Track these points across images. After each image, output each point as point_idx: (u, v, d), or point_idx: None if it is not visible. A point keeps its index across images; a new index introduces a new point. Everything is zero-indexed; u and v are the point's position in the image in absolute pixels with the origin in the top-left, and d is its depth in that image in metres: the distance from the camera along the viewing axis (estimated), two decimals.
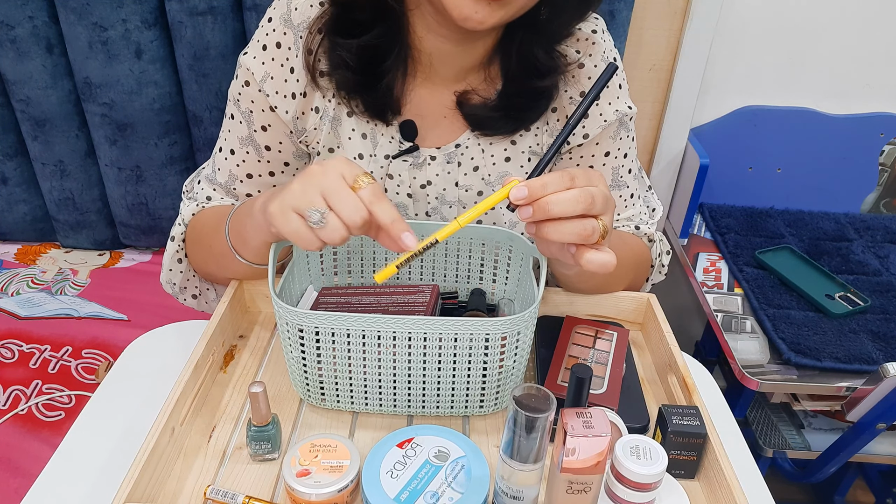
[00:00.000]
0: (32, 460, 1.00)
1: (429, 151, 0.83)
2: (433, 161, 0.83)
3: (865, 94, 1.52)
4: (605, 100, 0.83)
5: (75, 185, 1.46)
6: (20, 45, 1.29)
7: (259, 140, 0.83)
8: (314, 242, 0.61)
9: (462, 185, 0.84)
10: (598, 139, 0.84)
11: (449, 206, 0.85)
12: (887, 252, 1.45)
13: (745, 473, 0.71)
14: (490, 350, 0.68)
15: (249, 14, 1.27)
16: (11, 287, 1.37)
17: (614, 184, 0.88)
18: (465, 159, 0.84)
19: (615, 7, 1.32)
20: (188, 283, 0.92)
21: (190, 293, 0.93)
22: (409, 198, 0.85)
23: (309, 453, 0.64)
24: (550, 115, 0.84)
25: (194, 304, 0.94)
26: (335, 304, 0.80)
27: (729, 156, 1.56)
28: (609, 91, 0.83)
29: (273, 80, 0.79)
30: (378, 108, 0.79)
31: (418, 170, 0.83)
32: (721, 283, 1.35)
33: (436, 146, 0.83)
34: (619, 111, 0.83)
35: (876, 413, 1.09)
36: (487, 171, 0.84)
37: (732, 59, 1.48)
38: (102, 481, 0.69)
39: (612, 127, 0.84)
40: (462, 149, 0.83)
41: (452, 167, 0.83)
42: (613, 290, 0.87)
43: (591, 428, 0.54)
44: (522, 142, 0.84)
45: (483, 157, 0.83)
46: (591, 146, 0.85)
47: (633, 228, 0.91)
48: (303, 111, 0.81)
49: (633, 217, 0.91)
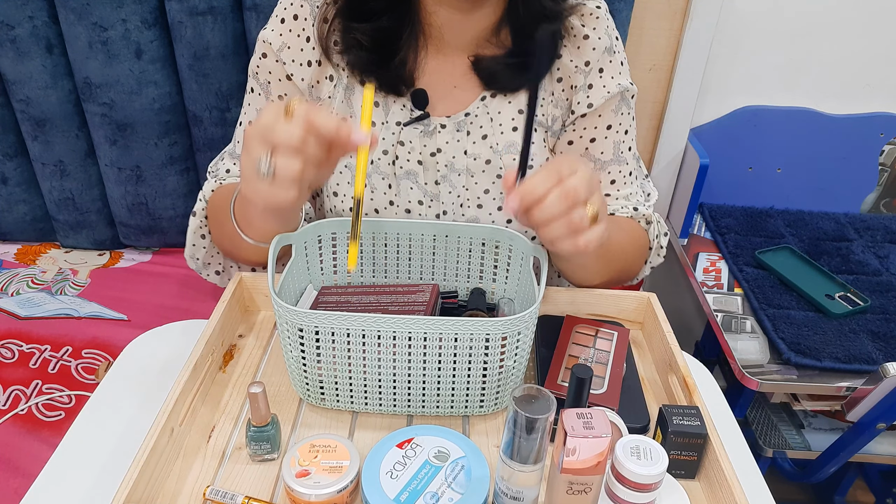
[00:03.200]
0: (32, 460, 1.00)
1: (439, 120, 0.85)
2: (443, 129, 0.85)
3: (865, 94, 1.52)
4: (608, 73, 0.85)
5: (75, 185, 1.46)
6: (20, 45, 1.29)
7: None
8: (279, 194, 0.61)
9: (471, 153, 0.85)
10: (600, 111, 0.86)
11: (458, 174, 0.86)
12: (887, 252, 1.45)
13: (746, 473, 0.71)
14: (490, 350, 0.68)
15: (249, 14, 1.27)
16: (11, 287, 1.37)
17: (615, 158, 0.89)
18: (474, 128, 0.85)
19: (615, 7, 1.32)
20: (212, 260, 0.94)
21: (213, 269, 0.95)
22: (419, 164, 0.86)
23: (308, 454, 0.64)
24: (556, 86, 0.86)
25: (217, 280, 0.96)
26: (335, 303, 0.80)
27: (729, 156, 1.56)
28: (611, 66, 0.85)
29: (290, 50, 0.83)
30: (392, 83, 0.82)
31: (429, 137, 0.85)
32: (721, 283, 1.35)
33: (446, 115, 0.85)
34: (622, 85, 0.86)
35: (876, 413, 1.08)
36: (496, 139, 0.85)
37: (732, 59, 1.48)
38: (102, 481, 0.69)
39: (615, 100, 0.87)
40: (472, 117, 0.85)
41: (462, 135, 0.85)
42: (614, 276, 0.89)
43: (591, 428, 0.54)
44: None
45: (492, 125, 0.85)
46: (594, 118, 0.87)
47: (630, 210, 0.91)
48: (318, 80, 0.84)
49: (630, 196, 0.92)
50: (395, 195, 0.86)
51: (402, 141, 0.85)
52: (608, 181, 0.90)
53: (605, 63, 0.85)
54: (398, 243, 0.84)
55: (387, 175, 0.86)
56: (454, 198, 0.86)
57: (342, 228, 0.83)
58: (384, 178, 0.86)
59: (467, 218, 0.87)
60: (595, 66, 0.84)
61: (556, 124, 0.87)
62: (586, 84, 0.85)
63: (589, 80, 0.85)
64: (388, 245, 0.84)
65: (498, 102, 0.85)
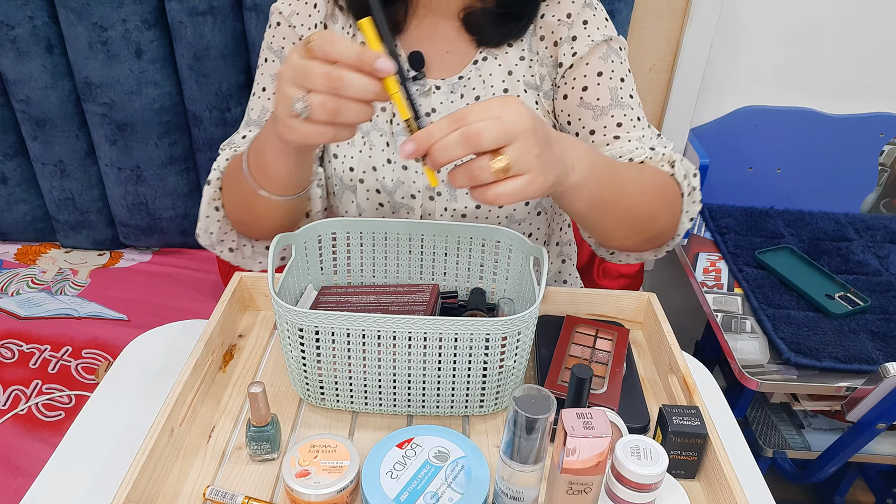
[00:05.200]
0: (32, 460, 1.00)
1: (434, 81, 0.88)
2: (437, 91, 0.88)
3: (865, 94, 1.52)
4: (593, 25, 0.87)
5: (75, 185, 1.46)
6: (20, 45, 1.29)
7: None
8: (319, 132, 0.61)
9: None
10: (587, 59, 0.87)
11: None
12: (887, 252, 1.45)
13: (746, 473, 0.71)
14: (490, 350, 0.68)
15: (249, 14, 1.27)
16: (11, 287, 1.37)
17: (615, 103, 0.86)
18: (467, 91, 0.88)
19: (615, 7, 1.32)
20: (225, 236, 0.92)
21: (227, 246, 0.93)
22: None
23: (308, 454, 0.64)
24: (540, 44, 0.89)
25: (230, 257, 0.95)
26: (335, 303, 0.80)
27: (729, 156, 1.56)
28: (595, 18, 0.88)
29: (299, 15, 0.89)
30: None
31: (424, 97, 0.88)
32: (721, 283, 1.35)
33: (441, 77, 0.89)
34: (606, 34, 0.87)
35: (876, 413, 1.08)
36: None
37: (732, 59, 1.48)
38: (102, 481, 0.69)
39: (601, 48, 0.87)
40: (465, 80, 0.88)
41: (455, 97, 0.88)
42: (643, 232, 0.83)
43: (591, 428, 0.54)
44: (517, 71, 0.88)
45: (484, 87, 0.88)
46: (581, 66, 0.87)
47: (647, 150, 0.85)
48: None
49: (643, 139, 0.87)
50: (393, 153, 0.89)
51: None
52: (614, 124, 0.86)
53: (587, 16, 0.87)
54: (398, 243, 0.84)
55: (385, 132, 0.89)
56: None
57: (342, 228, 0.83)
58: (382, 136, 0.89)
59: None
60: (577, 18, 0.86)
61: (545, 84, 0.89)
62: (570, 36, 0.87)
63: (573, 32, 0.86)
64: (388, 245, 0.84)
65: (489, 65, 0.88)
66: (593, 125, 0.87)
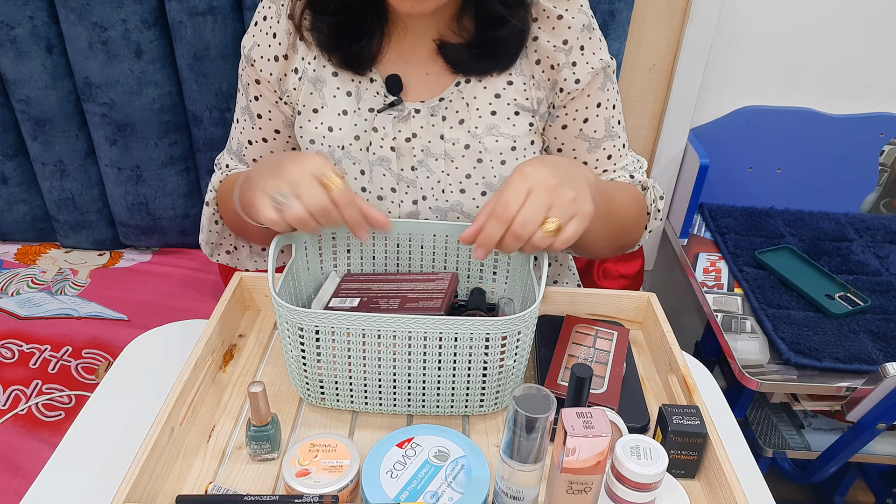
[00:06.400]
0: (32, 460, 1.00)
1: (413, 105, 0.86)
2: (417, 114, 0.85)
3: (865, 94, 1.52)
4: (590, 50, 0.86)
5: (75, 185, 1.46)
6: (20, 45, 1.29)
7: (253, 109, 0.92)
8: (279, 223, 0.70)
9: (448, 138, 0.85)
10: (588, 90, 0.87)
11: (435, 159, 0.86)
12: (887, 252, 1.45)
13: (746, 473, 0.71)
14: (490, 350, 0.68)
15: (249, 14, 1.27)
16: (11, 287, 1.37)
17: (608, 134, 0.91)
18: (449, 113, 0.86)
19: (615, 7, 1.32)
20: (223, 241, 0.99)
21: (224, 249, 1.00)
22: (392, 151, 0.86)
23: (309, 453, 0.64)
24: (535, 68, 0.86)
25: (227, 259, 1.01)
26: (357, 290, 0.81)
27: (729, 156, 1.56)
28: (591, 42, 0.86)
29: (259, 48, 0.87)
30: (352, 61, 0.85)
31: (403, 123, 0.86)
32: (721, 283, 1.35)
33: (420, 100, 0.86)
34: (604, 60, 0.87)
35: (876, 413, 1.08)
36: (474, 123, 0.85)
37: (732, 59, 1.48)
38: (102, 481, 0.69)
39: (600, 77, 0.87)
40: (446, 102, 0.85)
41: (437, 120, 0.86)
42: (618, 239, 0.91)
43: (591, 428, 0.54)
44: (506, 95, 0.86)
45: (468, 110, 0.85)
46: (582, 98, 0.87)
47: (627, 177, 0.93)
48: (284, 73, 0.87)
49: (627, 167, 0.94)
50: (368, 182, 0.87)
51: (375, 127, 0.85)
52: (605, 157, 0.91)
53: (584, 41, 0.85)
54: (398, 243, 0.84)
55: (358, 161, 0.86)
56: (433, 182, 0.86)
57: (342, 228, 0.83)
58: (355, 164, 0.86)
59: (450, 203, 0.87)
60: (575, 44, 0.85)
61: (541, 107, 0.87)
62: (569, 61, 0.85)
63: (571, 58, 0.85)
64: (388, 245, 0.85)
65: (472, 87, 0.85)
66: (586, 157, 0.91)
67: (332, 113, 0.86)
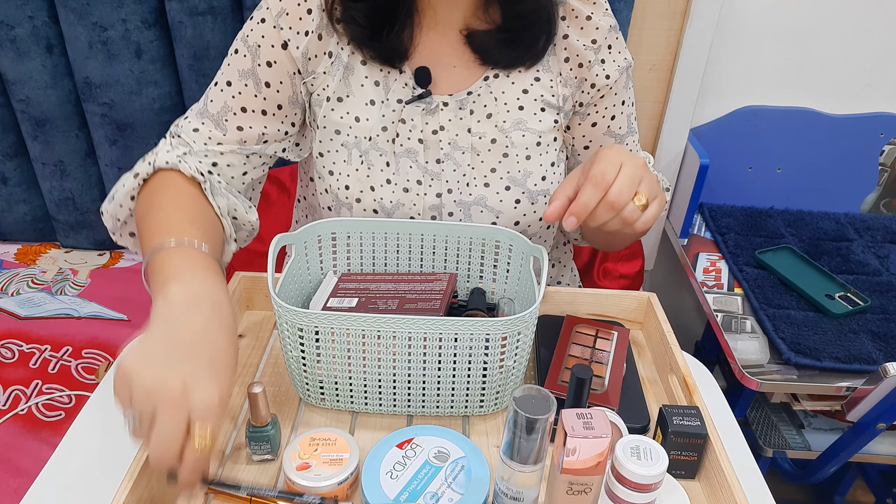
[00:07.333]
0: (32, 460, 1.00)
1: (441, 98, 0.86)
2: (445, 107, 0.86)
3: (865, 94, 1.52)
4: (616, 49, 0.88)
5: (75, 185, 1.46)
6: (20, 45, 1.29)
7: (261, 75, 0.84)
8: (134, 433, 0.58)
9: (475, 132, 0.86)
10: (615, 88, 0.90)
11: (461, 153, 0.86)
12: (887, 252, 1.45)
13: (746, 473, 0.71)
14: (490, 350, 0.68)
15: (249, 14, 1.26)
16: (11, 287, 1.37)
17: (629, 130, 0.94)
18: (477, 107, 0.86)
19: (615, 7, 1.32)
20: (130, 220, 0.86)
21: (129, 230, 0.87)
22: (420, 143, 0.86)
23: (309, 447, 0.64)
24: (564, 65, 0.87)
25: (130, 242, 0.88)
26: (354, 290, 0.81)
27: (729, 156, 1.56)
28: (618, 42, 0.88)
29: (288, 16, 0.82)
30: (387, 55, 0.84)
31: (431, 115, 0.86)
32: (721, 283, 1.35)
33: (448, 93, 0.86)
34: (627, 59, 0.90)
35: (876, 413, 1.08)
36: (501, 118, 0.86)
37: (732, 59, 1.48)
38: (102, 481, 0.69)
39: (625, 75, 0.90)
40: (474, 96, 0.86)
41: (465, 114, 0.86)
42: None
43: (591, 428, 0.54)
44: (533, 90, 0.86)
45: (496, 105, 0.86)
46: (610, 96, 0.90)
47: None
48: (315, 53, 0.84)
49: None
50: (393, 173, 0.86)
51: (403, 119, 0.85)
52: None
53: (612, 40, 0.87)
54: (398, 243, 0.84)
55: (385, 152, 0.86)
56: (459, 176, 0.86)
57: (342, 228, 0.83)
58: (382, 155, 0.85)
59: (474, 197, 0.87)
60: (603, 43, 0.86)
61: (567, 104, 0.88)
62: (598, 59, 0.87)
63: (600, 56, 0.87)
64: (388, 245, 0.84)
65: (500, 82, 0.86)
66: None
67: (359, 102, 0.85)
